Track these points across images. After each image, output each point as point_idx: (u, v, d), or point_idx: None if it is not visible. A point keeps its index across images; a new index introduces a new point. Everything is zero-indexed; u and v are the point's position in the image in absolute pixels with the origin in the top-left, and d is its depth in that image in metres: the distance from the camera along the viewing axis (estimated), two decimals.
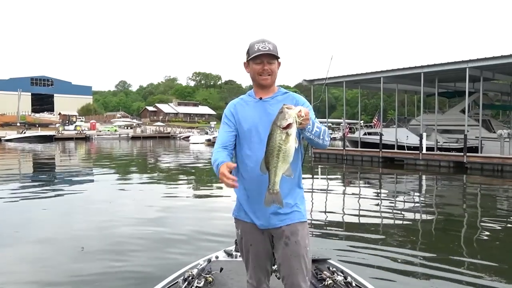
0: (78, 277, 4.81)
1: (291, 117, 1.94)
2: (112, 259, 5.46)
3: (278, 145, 1.97)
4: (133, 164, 22.25)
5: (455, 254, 5.98)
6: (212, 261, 3.55)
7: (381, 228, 7.65)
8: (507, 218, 8.78)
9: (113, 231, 6.99)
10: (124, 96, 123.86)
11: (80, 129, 58.63)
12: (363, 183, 15.41)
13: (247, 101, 2.41)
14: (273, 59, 2.31)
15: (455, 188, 14.17)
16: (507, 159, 17.50)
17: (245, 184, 2.31)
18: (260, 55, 2.27)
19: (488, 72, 20.43)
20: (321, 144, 2.20)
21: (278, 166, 2.00)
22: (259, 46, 2.27)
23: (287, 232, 2.26)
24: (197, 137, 52.28)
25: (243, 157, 2.32)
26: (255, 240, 2.35)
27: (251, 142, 2.29)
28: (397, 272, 5.05)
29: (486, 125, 21.76)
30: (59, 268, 5.21)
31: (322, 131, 2.16)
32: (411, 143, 21.97)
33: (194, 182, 14.81)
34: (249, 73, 2.38)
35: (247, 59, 2.35)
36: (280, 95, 2.38)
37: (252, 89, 2.47)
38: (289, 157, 2.02)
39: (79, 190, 12.05)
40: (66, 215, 8.47)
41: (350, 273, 3.30)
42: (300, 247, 2.26)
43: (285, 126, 1.95)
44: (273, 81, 2.36)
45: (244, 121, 2.33)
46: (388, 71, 22.38)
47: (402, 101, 36.14)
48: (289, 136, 1.97)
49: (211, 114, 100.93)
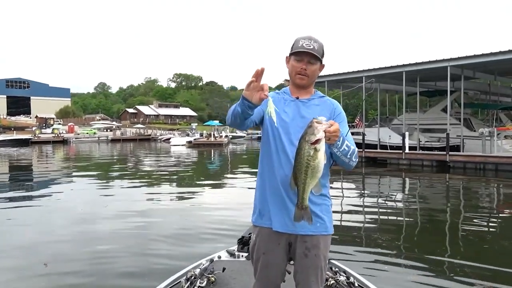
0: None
1: (320, 132, 1.85)
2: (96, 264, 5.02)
3: (307, 161, 1.90)
4: (112, 169, 21.60)
5: (455, 254, 5.87)
6: (215, 261, 3.54)
7: (380, 227, 7.55)
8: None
9: (92, 235, 6.54)
10: (103, 98, 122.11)
11: (58, 132, 57.36)
12: (348, 184, 15.19)
13: (283, 97, 2.25)
14: (315, 60, 2.16)
15: (442, 187, 14.07)
16: (489, 157, 17.57)
17: (268, 184, 2.18)
18: (302, 53, 2.13)
19: (469, 70, 20.55)
20: (346, 163, 2.09)
21: (307, 183, 1.94)
22: (303, 43, 2.13)
23: (308, 244, 2.14)
24: (178, 139, 51.65)
25: (269, 155, 2.19)
26: (269, 249, 2.18)
27: (280, 141, 2.15)
28: (397, 272, 5.05)
29: (466, 124, 21.92)
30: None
31: (351, 151, 2.06)
32: (393, 142, 21.97)
33: (175, 184, 14.34)
34: (288, 69, 2.24)
35: (289, 53, 2.20)
36: (317, 98, 2.26)
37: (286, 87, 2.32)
38: (318, 173, 1.94)
39: (50, 197, 11.44)
40: (38, 224, 7.93)
41: (352, 273, 3.26)
42: (320, 260, 2.16)
43: (314, 141, 1.86)
44: (310, 82, 2.23)
45: (278, 116, 2.13)
46: (370, 70, 22.35)
47: (382, 101, 36.28)
48: (317, 152, 1.88)
49: (192, 116, 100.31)
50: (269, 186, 2.17)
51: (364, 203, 10.85)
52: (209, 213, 8.73)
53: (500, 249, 6.24)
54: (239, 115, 1.98)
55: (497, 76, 23.63)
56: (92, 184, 14.32)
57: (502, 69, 21.15)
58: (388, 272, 5.04)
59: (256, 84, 1.86)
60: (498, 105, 25.84)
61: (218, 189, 13.29)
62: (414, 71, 20.55)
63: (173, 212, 9.07)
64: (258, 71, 1.84)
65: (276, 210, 2.14)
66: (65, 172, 19.09)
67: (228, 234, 6.52)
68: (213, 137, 49.46)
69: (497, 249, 6.27)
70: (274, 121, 2.03)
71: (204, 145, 44.79)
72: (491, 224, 8.16)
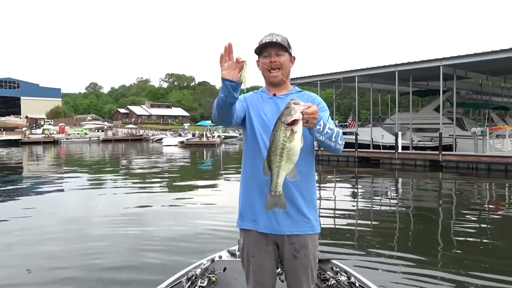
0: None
1: (297, 113, 1.77)
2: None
3: (282, 142, 1.81)
4: (103, 170, 21.32)
5: (455, 254, 5.82)
6: (216, 260, 3.54)
7: (379, 228, 7.52)
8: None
9: (87, 238, 6.34)
10: (95, 98, 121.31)
11: (48, 132, 56.79)
12: (344, 184, 15.12)
13: (261, 95, 2.25)
14: (282, 51, 2.14)
15: (435, 186, 14.04)
16: (482, 157, 17.57)
17: (250, 185, 2.15)
18: (267, 47, 2.13)
19: (461, 70, 20.56)
20: (333, 147, 2.01)
21: (282, 166, 1.84)
22: (266, 39, 2.14)
23: (296, 245, 2.10)
24: (170, 139, 51.37)
25: (250, 155, 2.17)
26: (258, 251, 2.14)
27: (261, 140, 2.11)
28: (398, 272, 5.03)
29: (458, 123, 21.92)
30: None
31: (335, 133, 1.98)
32: (386, 142, 21.93)
33: (167, 185, 14.14)
34: (260, 71, 2.23)
35: (256, 52, 2.20)
36: (294, 93, 2.23)
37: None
38: (294, 157, 1.84)
39: (37, 197, 11.21)
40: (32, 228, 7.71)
41: (353, 274, 3.26)
42: (309, 260, 2.13)
43: (290, 122, 1.78)
44: (284, 75, 2.18)
45: (255, 115, 2.16)
46: (363, 70, 22.30)
47: (374, 100, 36.31)
48: (294, 133, 1.80)
49: (184, 116, 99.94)
50: (252, 187, 2.14)
51: (360, 202, 10.79)
52: (210, 213, 8.67)
53: (499, 248, 6.19)
54: (224, 103, 1.89)
55: (489, 76, 23.70)
56: (83, 185, 14.09)
57: (493, 68, 21.21)
58: (388, 272, 5.01)
59: (230, 63, 1.81)
60: (490, 105, 25.97)
61: (214, 189, 13.16)
62: (406, 70, 20.53)
63: (168, 214, 8.96)
64: (226, 47, 1.81)
65: (260, 211, 2.10)
66: (56, 173, 18.81)
67: (225, 236, 6.45)
68: (205, 137, 49.27)
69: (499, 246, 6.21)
70: (245, 85, 1.90)
71: (196, 146, 44.59)
72: (489, 223, 8.09)
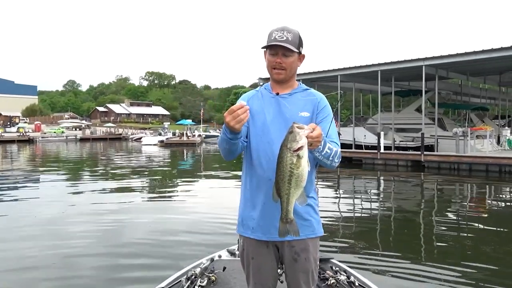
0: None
1: (302, 139, 1.71)
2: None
3: (290, 169, 1.75)
4: (80, 169, 20.65)
5: (454, 254, 5.84)
6: (215, 260, 3.52)
7: (378, 228, 7.59)
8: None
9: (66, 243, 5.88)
10: (73, 96, 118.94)
11: (23, 131, 55.21)
12: (324, 183, 14.92)
13: (264, 94, 2.14)
14: (291, 52, 2.00)
15: (418, 186, 13.94)
16: (463, 157, 17.64)
17: (251, 191, 2.08)
18: (275, 46, 1.99)
19: (442, 70, 20.65)
20: (328, 164, 1.96)
21: (291, 193, 1.79)
22: (276, 35, 1.99)
23: (296, 248, 2.06)
24: (150, 139, 50.43)
25: (251, 159, 2.09)
26: (257, 253, 2.11)
27: (261, 142, 2.05)
28: (398, 271, 5.04)
29: (440, 124, 22.05)
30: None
31: (333, 153, 1.93)
32: (368, 142, 21.88)
33: (146, 185, 13.68)
34: (266, 64, 2.11)
35: (264, 46, 2.06)
36: (299, 92, 2.12)
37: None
38: (302, 182, 1.79)
39: (10, 199, 10.62)
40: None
41: (353, 273, 3.25)
42: (310, 263, 2.08)
43: (296, 149, 1.71)
44: (288, 76, 2.08)
45: (258, 116, 2.07)
46: (346, 69, 22.25)
47: (356, 100, 36.43)
48: (300, 159, 1.74)
49: (165, 115, 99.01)
50: (252, 195, 2.08)
51: (356, 203, 10.66)
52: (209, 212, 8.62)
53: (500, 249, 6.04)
54: (229, 143, 1.91)
55: (469, 76, 23.93)
56: (59, 185, 13.50)
57: (474, 69, 21.43)
58: (388, 271, 5.05)
59: (241, 118, 1.78)
60: (470, 106, 26.32)
61: (201, 188, 12.77)
62: (389, 70, 20.52)
63: (154, 209, 8.49)
64: (246, 108, 1.78)
65: (259, 221, 2.05)
66: (30, 172, 18.07)
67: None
68: (185, 137, 48.65)
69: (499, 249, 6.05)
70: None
71: (176, 145, 43.90)
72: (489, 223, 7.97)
